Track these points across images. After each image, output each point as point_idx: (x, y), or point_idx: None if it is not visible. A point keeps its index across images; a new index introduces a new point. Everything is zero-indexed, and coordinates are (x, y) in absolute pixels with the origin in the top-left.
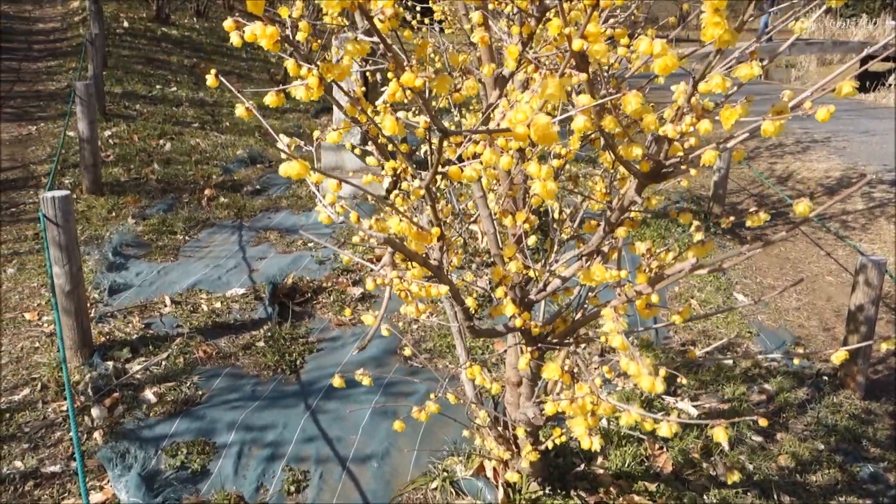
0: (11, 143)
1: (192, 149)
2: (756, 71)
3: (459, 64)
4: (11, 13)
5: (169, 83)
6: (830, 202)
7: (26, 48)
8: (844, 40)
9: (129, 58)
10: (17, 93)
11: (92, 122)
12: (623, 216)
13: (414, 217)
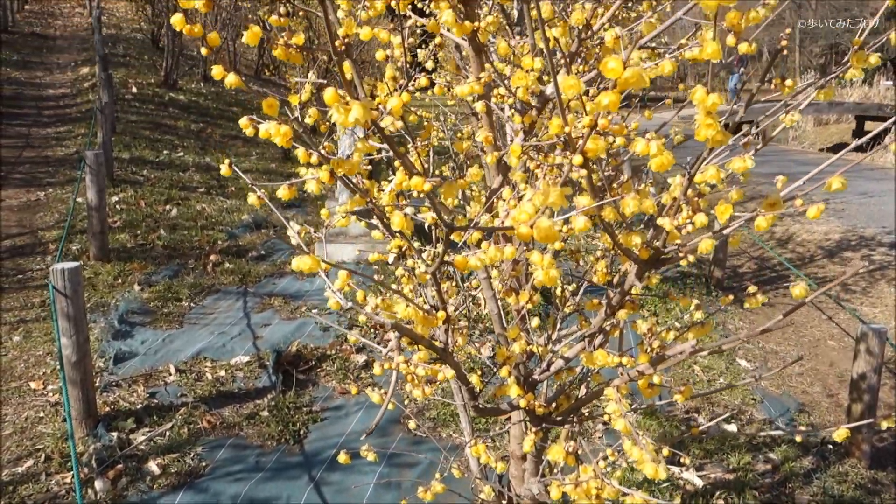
0: (20, 208)
1: (197, 214)
2: (749, 164)
3: (464, 150)
4: (23, 79)
5: (176, 148)
6: (835, 282)
7: (36, 114)
8: (840, 101)
9: (137, 123)
10: (26, 158)
11: (101, 190)
12: (624, 299)
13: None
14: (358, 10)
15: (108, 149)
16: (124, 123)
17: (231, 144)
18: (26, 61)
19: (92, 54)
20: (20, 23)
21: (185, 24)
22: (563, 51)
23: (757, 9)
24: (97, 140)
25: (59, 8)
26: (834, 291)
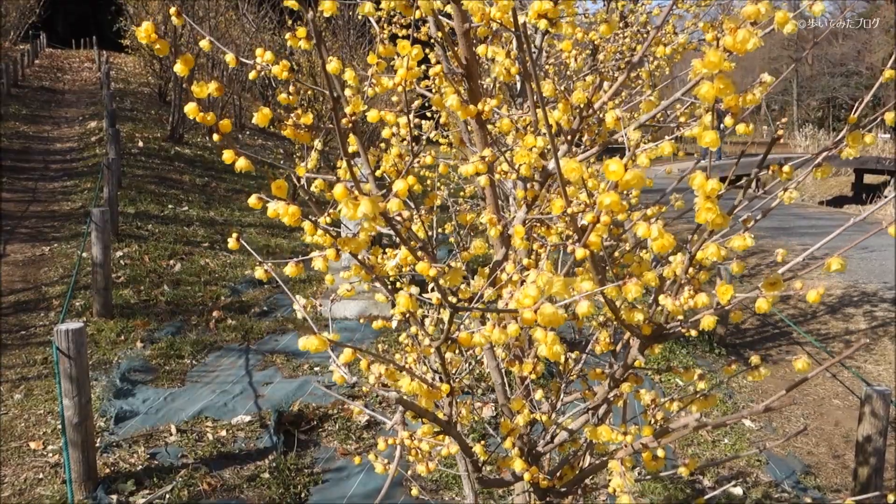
0: (25, 263)
1: (201, 269)
2: (749, 243)
3: (468, 222)
4: (31, 133)
5: (181, 202)
6: (838, 358)
7: (43, 168)
8: (839, 155)
9: (143, 177)
10: (32, 213)
11: (106, 247)
12: (627, 373)
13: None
14: (364, 87)
15: (114, 204)
16: (130, 178)
17: (235, 198)
18: (35, 115)
19: (100, 108)
20: (30, 77)
21: (199, 114)
22: (565, 127)
23: (753, 91)
24: (103, 195)
25: (68, 63)
26: (837, 349)
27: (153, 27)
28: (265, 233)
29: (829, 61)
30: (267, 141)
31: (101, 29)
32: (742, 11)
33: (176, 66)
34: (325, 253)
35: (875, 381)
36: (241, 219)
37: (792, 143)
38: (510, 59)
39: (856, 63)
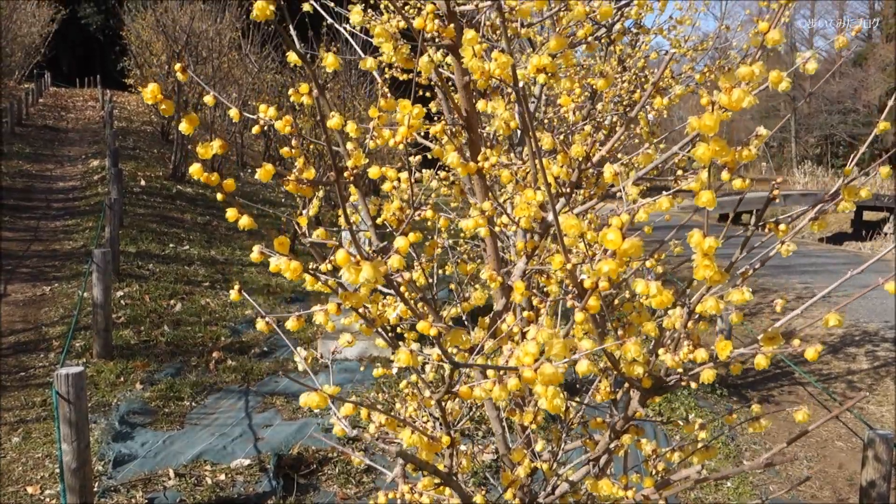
0: (26, 303)
1: (201, 309)
2: (748, 297)
3: (468, 272)
4: (34, 172)
5: (182, 241)
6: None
7: (46, 207)
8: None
9: (145, 216)
10: (34, 252)
11: (106, 287)
12: (628, 424)
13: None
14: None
15: (115, 244)
16: (132, 216)
17: (236, 237)
18: (38, 154)
19: (102, 147)
20: (34, 116)
21: (203, 174)
22: (564, 179)
23: (749, 148)
24: (105, 235)
25: (72, 101)
26: (839, 389)
27: (159, 88)
28: (265, 272)
29: (827, 99)
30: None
31: (106, 68)
32: (737, 73)
33: (181, 124)
34: (326, 307)
35: (878, 423)
36: (242, 258)
37: (791, 180)
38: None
39: (853, 101)
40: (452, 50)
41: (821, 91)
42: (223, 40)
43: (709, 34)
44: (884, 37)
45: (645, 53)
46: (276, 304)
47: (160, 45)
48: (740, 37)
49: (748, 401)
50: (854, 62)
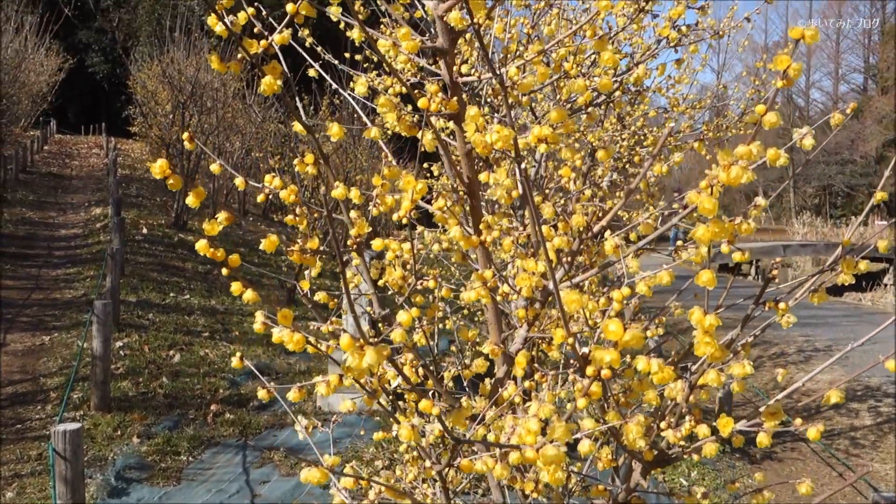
0: (24, 353)
1: (200, 360)
2: (749, 370)
3: (470, 339)
4: (36, 219)
5: (182, 290)
6: (845, 484)
7: (47, 254)
8: (837, 242)
9: (146, 265)
10: (34, 301)
11: (106, 339)
12: (630, 496)
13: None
14: (370, 207)
15: (116, 294)
16: (133, 265)
17: None
18: (41, 201)
19: (105, 195)
20: (38, 163)
21: (209, 250)
22: (565, 248)
23: (749, 221)
24: (106, 285)
25: (76, 149)
26: (842, 446)
27: (167, 164)
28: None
29: (824, 150)
30: (269, 227)
31: (111, 116)
32: (735, 152)
33: (188, 198)
34: (328, 378)
35: (882, 482)
36: (242, 307)
37: (790, 230)
38: (511, 180)
39: (850, 152)
40: (455, 119)
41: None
42: (227, 91)
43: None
44: (879, 89)
45: (644, 112)
46: (275, 355)
47: (165, 94)
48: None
49: (750, 457)
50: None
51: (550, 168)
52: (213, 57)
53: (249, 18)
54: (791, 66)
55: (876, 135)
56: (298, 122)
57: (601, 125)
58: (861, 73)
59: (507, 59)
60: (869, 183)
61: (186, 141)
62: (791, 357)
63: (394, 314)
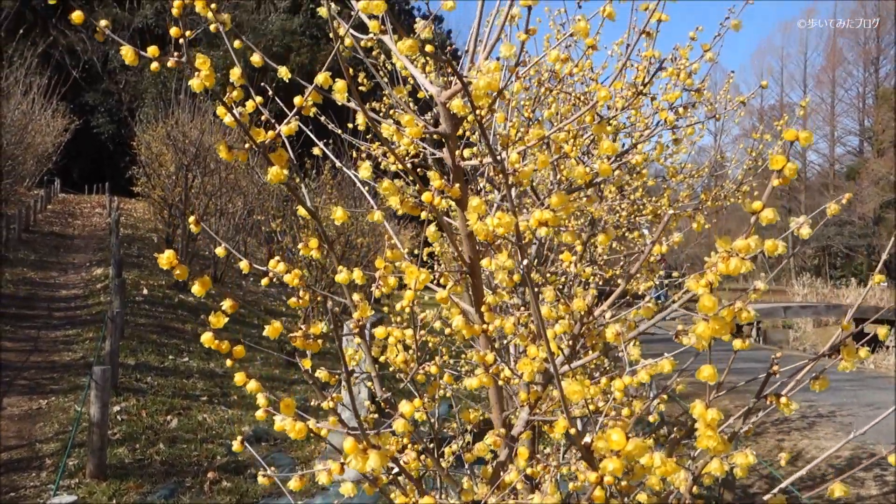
0: (21, 418)
1: (198, 425)
2: (751, 460)
3: (472, 421)
4: (37, 280)
5: (182, 353)
6: None
7: (47, 315)
8: (837, 304)
9: (146, 326)
10: (32, 363)
11: (104, 405)
12: None
13: None
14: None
15: (115, 358)
16: (133, 327)
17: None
18: (43, 261)
19: (107, 255)
20: (41, 222)
21: (214, 342)
22: (567, 331)
23: (748, 308)
24: (105, 348)
25: (79, 208)
26: None
27: (174, 255)
28: (265, 387)
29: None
30: (270, 287)
31: (115, 175)
32: (734, 245)
33: (194, 286)
34: (329, 467)
35: None
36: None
37: (790, 292)
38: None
39: (848, 213)
40: (458, 202)
41: (815, 203)
42: None
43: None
44: (875, 151)
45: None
46: (274, 420)
47: (169, 156)
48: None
49: None
50: (847, 176)
51: (554, 239)
52: (220, 146)
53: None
54: (787, 166)
55: (873, 196)
56: (302, 206)
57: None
58: (857, 136)
59: (508, 145)
60: (868, 244)
61: (192, 225)
62: (794, 423)
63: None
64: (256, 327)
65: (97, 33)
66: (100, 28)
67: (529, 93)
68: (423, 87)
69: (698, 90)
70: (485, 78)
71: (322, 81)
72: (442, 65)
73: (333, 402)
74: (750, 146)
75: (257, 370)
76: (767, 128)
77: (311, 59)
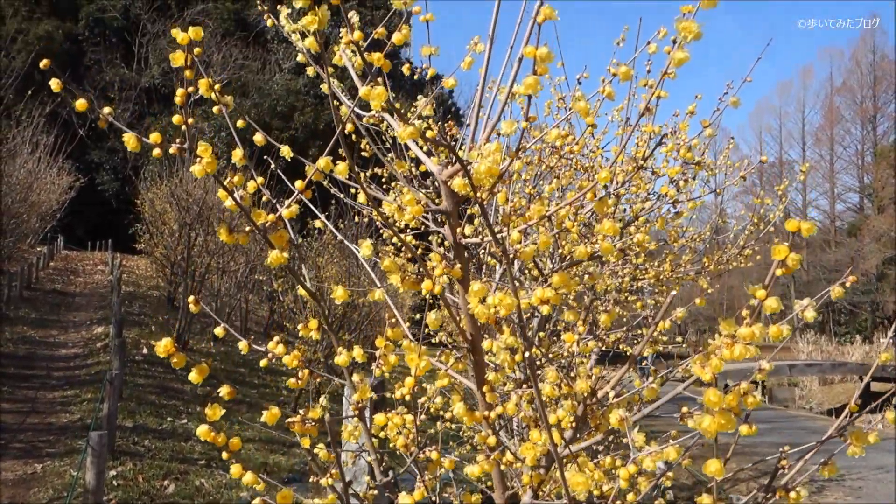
0: (15, 483)
1: (195, 490)
2: None
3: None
4: (37, 338)
5: (180, 414)
6: None
7: (45, 375)
8: (843, 361)
9: (145, 387)
10: (29, 425)
11: (100, 472)
12: None
13: None
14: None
15: (113, 421)
16: (132, 388)
17: (235, 409)
18: (44, 319)
19: (108, 313)
20: (43, 279)
21: (210, 435)
22: (570, 413)
23: (754, 394)
24: (103, 410)
25: (82, 265)
26: None
27: (172, 343)
28: (263, 448)
29: (824, 267)
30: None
31: (118, 232)
32: (739, 332)
33: (191, 374)
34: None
35: None
36: (240, 433)
37: (794, 349)
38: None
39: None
40: (460, 281)
41: (817, 260)
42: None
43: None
44: (875, 208)
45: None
46: (272, 488)
47: (172, 214)
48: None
49: None
50: (848, 232)
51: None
52: (221, 230)
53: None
54: (790, 256)
55: (875, 252)
56: (303, 288)
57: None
58: (856, 192)
59: (510, 224)
60: (871, 300)
61: (192, 304)
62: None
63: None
64: (257, 387)
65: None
66: (102, 115)
67: (531, 168)
68: (425, 164)
69: (699, 163)
70: (485, 163)
71: (323, 166)
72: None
73: (332, 479)
74: (752, 211)
75: (256, 432)
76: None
77: (314, 118)
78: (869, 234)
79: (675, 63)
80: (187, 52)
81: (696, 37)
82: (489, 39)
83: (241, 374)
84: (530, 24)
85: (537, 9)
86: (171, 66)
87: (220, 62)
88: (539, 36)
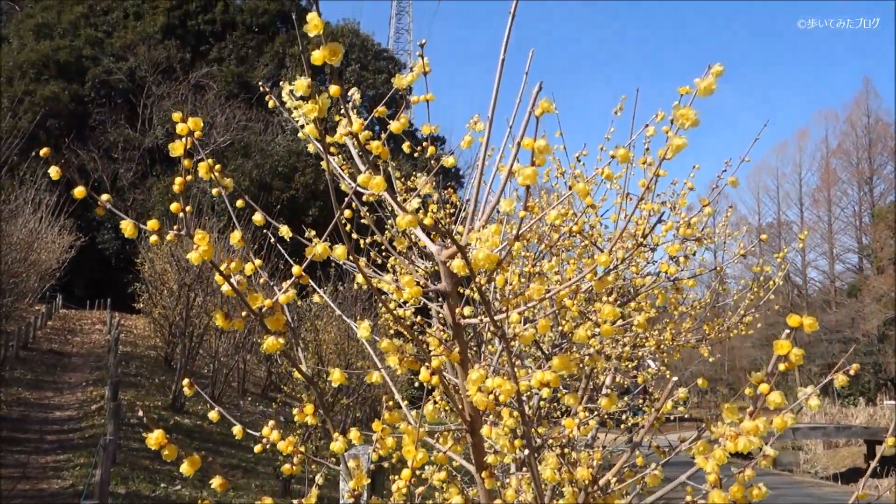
0: None
1: None
2: None
3: None
4: (32, 400)
5: (174, 480)
6: None
7: (38, 439)
8: (847, 424)
9: (139, 451)
10: (19, 492)
11: None
12: None
13: None
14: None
15: (105, 489)
16: (126, 452)
17: (232, 475)
18: (39, 380)
19: (104, 374)
20: (40, 339)
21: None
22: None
23: (759, 486)
24: (95, 476)
25: (80, 324)
26: None
27: (163, 435)
28: None
29: (826, 328)
30: (267, 408)
31: (117, 291)
32: (743, 426)
33: (183, 466)
34: None
35: None
36: (236, 499)
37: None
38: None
39: (851, 330)
40: (459, 364)
41: (818, 320)
42: None
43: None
44: (875, 269)
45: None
46: None
47: (172, 274)
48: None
49: None
50: (848, 293)
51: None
52: (217, 315)
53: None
54: (792, 352)
55: (876, 313)
56: (299, 372)
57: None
58: (855, 253)
59: (509, 308)
60: (874, 361)
61: (186, 388)
62: None
63: None
64: (252, 451)
65: (103, 201)
66: (101, 202)
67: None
68: (425, 243)
69: (699, 239)
70: (484, 249)
71: (321, 252)
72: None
73: None
74: (751, 276)
75: (252, 497)
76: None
77: (315, 179)
78: (869, 294)
79: (672, 149)
80: (185, 140)
81: (693, 124)
82: (488, 120)
83: (237, 440)
84: (526, 116)
85: (535, 97)
86: (174, 126)
87: (224, 123)
88: (537, 127)
